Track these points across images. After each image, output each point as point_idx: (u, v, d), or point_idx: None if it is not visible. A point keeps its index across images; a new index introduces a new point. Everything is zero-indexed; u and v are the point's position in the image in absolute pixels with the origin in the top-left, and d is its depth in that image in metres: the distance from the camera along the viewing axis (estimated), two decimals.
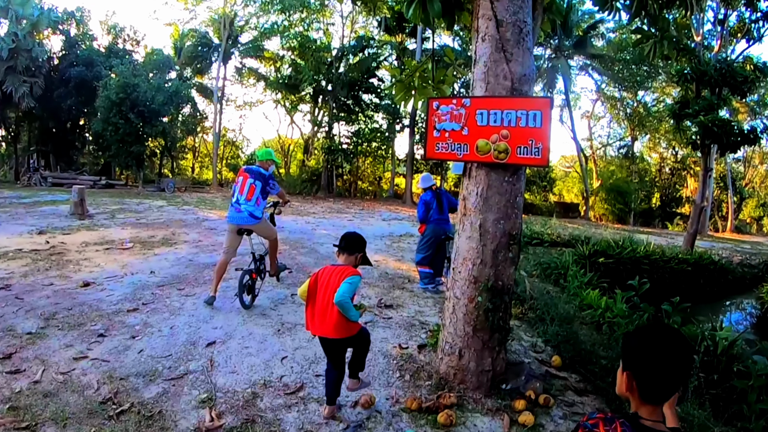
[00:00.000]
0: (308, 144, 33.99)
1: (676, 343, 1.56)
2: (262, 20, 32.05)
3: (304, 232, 13.31)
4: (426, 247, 8.02)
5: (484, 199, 4.35)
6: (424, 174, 8.72)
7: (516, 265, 4.63)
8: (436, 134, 4.51)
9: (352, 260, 3.67)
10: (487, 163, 4.29)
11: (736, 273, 16.32)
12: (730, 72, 15.65)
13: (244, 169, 6.54)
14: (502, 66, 4.26)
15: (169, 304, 6.21)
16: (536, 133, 4.08)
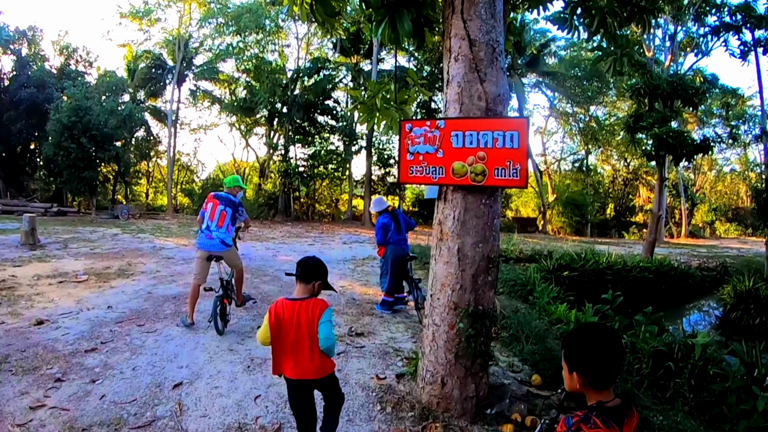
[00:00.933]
0: (264, 167, 33.50)
1: (609, 336, 1.88)
2: (216, 42, 31.71)
3: (264, 258, 12.99)
4: (388, 270, 7.94)
5: (461, 222, 4.24)
6: (376, 198, 8.70)
7: (495, 288, 4.52)
8: (409, 157, 4.38)
9: (309, 289, 3.25)
10: (464, 186, 4.18)
11: (696, 277, 16.80)
12: (682, 85, 16.20)
13: (213, 195, 6.58)
14: (476, 86, 4.18)
15: (129, 343, 5.86)
16: (514, 154, 4.00)
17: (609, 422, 1.72)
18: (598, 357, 1.83)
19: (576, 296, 10.59)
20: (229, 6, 29.49)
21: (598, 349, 1.85)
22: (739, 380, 5.29)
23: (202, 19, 30.22)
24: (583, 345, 1.88)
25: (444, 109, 4.44)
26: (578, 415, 1.75)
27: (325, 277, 3.35)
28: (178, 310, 7.38)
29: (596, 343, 1.86)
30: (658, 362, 6.07)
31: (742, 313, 12.76)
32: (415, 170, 4.35)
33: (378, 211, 8.24)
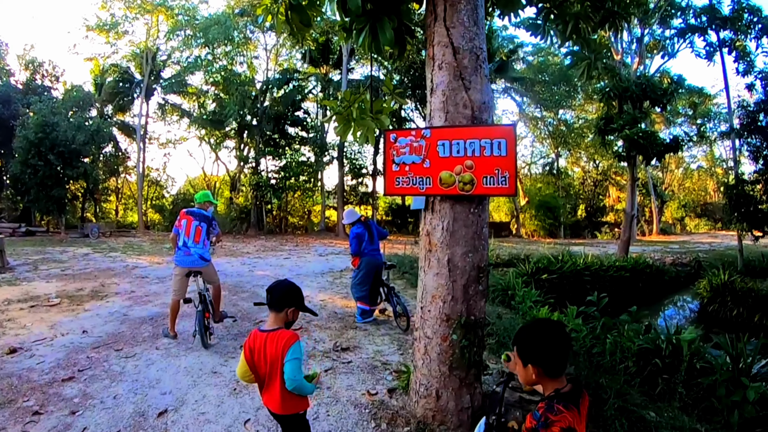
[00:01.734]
0: (235, 181, 33.06)
1: (556, 329, 2.09)
2: (185, 54, 31.26)
3: (241, 274, 12.73)
4: (363, 281, 7.92)
5: (450, 233, 4.16)
6: (348, 209, 8.68)
7: (486, 297, 4.46)
8: (395, 168, 4.30)
9: (282, 317, 2.95)
10: (452, 196, 4.11)
11: (671, 273, 17.13)
12: (650, 86, 16.48)
13: (185, 211, 6.64)
14: (461, 94, 4.12)
15: (108, 369, 5.63)
16: (502, 161, 3.95)
17: (569, 405, 1.91)
18: (549, 347, 2.02)
19: (556, 298, 10.64)
20: (197, 18, 29.10)
21: (548, 340, 2.03)
22: (726, 372, 5.36)
23: (169, 31, 29.76)
24: (535, 339, 2.06)
25: (428, 118, 4.37)
26: (542, 407, 1.93)
27: (299, 301, 3.04)
28: (156, 332, 7.15)
29: (546, 335, 2.06)
30: (645, 360, 6.11)
31: (720, 306, 13.00)
32: (401, 181, 4.26)
33: (351, 222, 8.22)
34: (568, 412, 1.88)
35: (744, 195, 13.12)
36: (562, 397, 1.93)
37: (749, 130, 12.74)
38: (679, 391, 5.49)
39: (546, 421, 1.87)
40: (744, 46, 16.80)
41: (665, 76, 18.27)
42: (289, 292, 3.00)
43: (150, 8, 28.66)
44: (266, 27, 28.54)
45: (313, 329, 7.44)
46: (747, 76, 15.86)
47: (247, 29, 29.57)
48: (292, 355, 2.79)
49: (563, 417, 1.87)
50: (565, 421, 1.86)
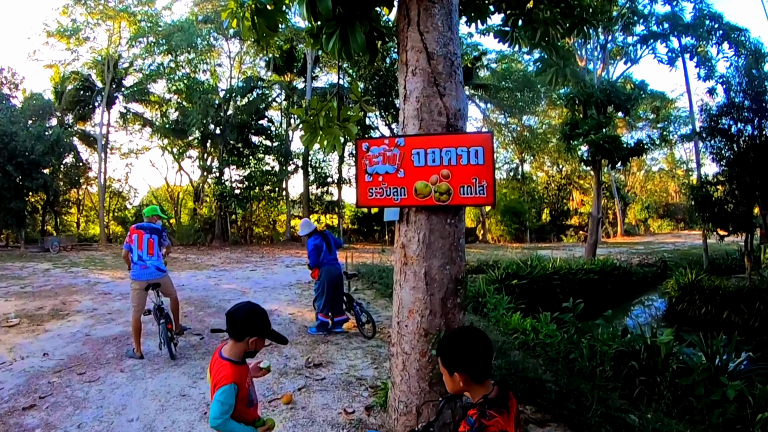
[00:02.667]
0: (198, 191, 32.28)
1: (477, 335, 2.15)
2: (147, 62, 30.45)
3: (207, 288, 12.31)
4: (325, 291, 7.77)
5: (426, 245, 3.99)
6: (303, 220, 8.53)
7: (465, 310, 4.31)
8: (367, 179, 4.10)
9: (242, 347, 2.62)
10: (428, 207, 3.94)
11: (638, 274, 17.40)
12: (614, 92, 16.71)
13: (135, 227, 6.77)
14: (436, 101, 3.97)
15: (71, 395, 5.28)
16: (479, 170, 3.81)
17: (501, 409, 1.96)
18: (473, 354, 2.06)
19: (527, 304, 10.65)
20: (160, 24, 28.42)
21: (470, 347, 2.08)
22: (704, 372, 5.39)
23: (131, 38, 28.98)
24: (458, 347, 2.10)
25: (402, 125, 4.20)
26: (474, 413, 1.96)
27: (264, 328, 2.66)
28: (120, 352, 6.81)
29: (468, 342, 2.10)
30: (622, 363, 6.10)
31: (688, 304, 13.22)
32: (374, 192, 4.07)
33: (307, 233, 8.06)
34: (499, 416, 1.93)
35: (709, 196, 13.34)
36: (491, 402, 1.98)
37: (712, 133, 12.95)
38: (660, 393, 5.46)
39: (480, 426, 1.90)
40: (705, 52, 17.19)
41: (628, 82, 18.61)
42: (252, 318, 2.63)
43: (112, 14, 27.88)
44: (230, 34, 28.11)
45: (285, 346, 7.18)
46: (708, 81, 16.23)
47: (210, 36, 29.03)
48: (219, 396, 2.47)
49: (496, 422, 1.91)
50: (497, 426, 1.91)
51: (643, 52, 18.62)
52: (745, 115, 12.36)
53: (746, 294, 12.26)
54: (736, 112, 12.49)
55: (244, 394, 2.59)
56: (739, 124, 12.57)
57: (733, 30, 16.69)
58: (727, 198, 12.99)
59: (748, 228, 12.94)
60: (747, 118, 12.39)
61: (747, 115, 12.33)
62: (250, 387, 2.70)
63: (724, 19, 16.85)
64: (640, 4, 17.69)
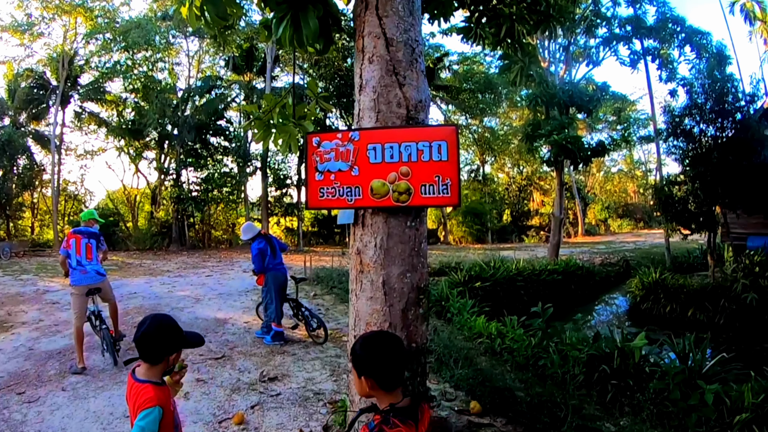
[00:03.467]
0: (156, 194, 31.08)
1: (390, 341, 2.06)
2: (104, 59, 29.12)
3: (160, 296, 11.56)
4: (272, 298, 7.36)
5: (384, 250, 3.56)
6: (245, 224, 8.04)
7: (428, 321, 3.89)
8: (318, 177, 3.64)
9: (160, 368, 2.30)
10: (386, 208, 3.51)
11: (601, 273, 17.42)
12: (577, 93, 16.64)
13: (72, 231, 6.63)
14: (394, 91, 3.54)
15: (8, 418, 4.70)
16: (443, 167, 3.39)
17: (407, 421, 1.85)
18: (382, 360, 1.95)
19: (491, 306, 10.42)
20: (118, 21, 27.23)
21: (381, 353, 1.97)
22: (679, 375, 5.26)
23: (87, 34, 27.66)
24: (368, 351, 1.99)
25: (357, 118, 3.76)
26: (377, 419, 1.87)
27: (179, 341, 2.32)
28: (63, 368, 6.22)
29: (379, 348, 2.00)
30: (593, 367, 5.91)
31: (653, 303, 13.19)
32: (326, 192, 3.61)
33: (250, 237, 7.62)
34: (404, 426, 1.82)
35: (672, 196, 13.35)
36: (398, 412, 1.88)
37: (675, 134, 12.95)
38: (634, 398, 5.33)
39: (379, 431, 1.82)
40: (668, 55, 17.29)
41: (590, 84, 18.63)
42: (164, 336, 2.27)
43: (68, 9, 26.46)
44: (189, 32, 27.15)
45: (237, 357, 6.67)
46: (669, 83, 16.32)
47: (169, 34, 27.96)
48: (140, 422, 2.11)
49: (398, 431, 1.81)
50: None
51: (605, 54, 18.66)
52: (707, 116, 12.36)
53: (710, 292, 12.28)
54: (698, 113, 12.50)
55: (169, 419, 2.24)
56: (701, 124, 12.58)
57: (695, 33, 16.83)
58: (689, 197, 13.00)
59: (711, 227, 12.97)
60: (709, 119, 12.39)
61: (710, 115, 12.33)
62: (174, 410, 2.35)
63: (687, 23, 17.02)
64: (603, 6, 17.70)
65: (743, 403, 4.79)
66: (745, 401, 4.80)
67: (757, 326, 11.30)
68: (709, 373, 5.67)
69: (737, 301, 11.69)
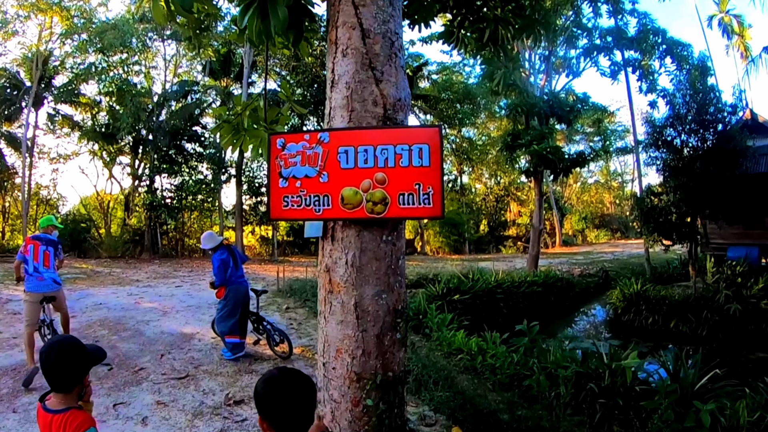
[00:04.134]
0: (129, 200, 29.96)
1: (298, 384, 1.79)
2: (78, 60, 28.11)
3: (125, 308, 10.79)
4: (232, 312, 6.84)
5: (357, 268, 3.11)
6: (206, 233, 7.42)
7: (405, 346, 3.45)
8: (282, 184, 3.18)
9: (74, 395, 2.06)
10: (359, 220, 3.06)
11: (581, 285, 17.12)
12: (558, 103, 16.41)
13: (31, 237, 6.50)
14: (370, 88, 3.11)
15: None
16: (424, 174, 2.97)
17: None
18: (282, 403, 1.75)
19: (471, 320, 10.07)
20: (95, 21, 26.36)
21: (283, 395, 1.75)
22: (672, 394, 4.95)
23: (63, 34, 26.73)
24: (269, 391, 1.77)
25: (327, 118, 3.33)
26: None
27: (87, 363, 2.09)
28: (17, 386, 5.61)
29: (282, 389, 1.77)
30: (579, 386, 5.58)
31: (634, 314, 12.86)
32: (290, 201, 3.15)
33: (212, 247, 7.05)
34: None
35: (653, 207, 13.12)
36: None
37: (656, 144, 12.75)
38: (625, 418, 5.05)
39: None
40: (649, 66, 17.20)
41: (571, 94, 18.48)
42: (73, 362, 2.03)
43: (44, 7, 25.47)
44: (166, 35, 26.46)
45: (202, 376, 6.12)
46: (650, 94, 16.23)
47: (146, 37, 27.20)
48: None
49: None
50: None
51: (586, 65, 18.51)
52: (689, 127, 12.18)
53: (693, 303, 12.01)
54: (680, 124, 12.31)
55: None
56: (683, 135, 12.40)
57: (676, 45, 16.75)
58: (671, 208, 12.80)
59: (692, 237, 12.76)
60: (691, 129, 12.20)
61: (691, 126, 12.15)
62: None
63: (668, 34, 16.95)
64: (584, 17, 17.56)
65: (738, 422, 4.54)
66: (741, 419, 4.55)
67: (740, 337, 11.12)
68: (702, 390, 5.35)
69: (720, 312, 11.44)
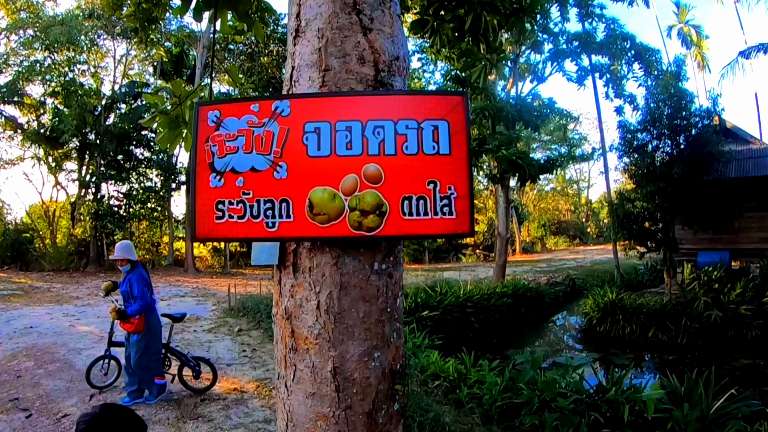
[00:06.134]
0: (74, 209, 27.43)
1: (119, 424, 1.57)
2: (21, 58, 25.67)
3: (59, 331, 9.11)
4: (157, 346, 5.41)
5: (335, 316, 1.93)
6: (122, 243, 5.65)
7: (403, 416, 2.27)
8: (215, 182, 1.95)
9: None
10: (338, 240, 1.87)
11: (550, 294, 16.66)
12: (526, 108, 15.71)
13: None
14: (355, 38, 1.97)
15: None
16: (441, 166, 1.83)
17: None
18: None
19: (443, 338, 9.23)
20: (42, 17, 24.18)
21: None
22: (693, 424, 4.48)
23: (8, 28, 24.42)
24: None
25: (288, 84, 2.14)
26: None
27: None
28: None
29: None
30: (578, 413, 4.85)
31: (611, 324, 12.15)
32: (226, 210, 1.92)
33: (132, 259, 5.45)
34: None
35: (630, 213, 12.46)
36: None
37: (630, 150, 12.08)
38: None
39: None
40: (618, 71, 16.68)
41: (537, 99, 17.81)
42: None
43: None
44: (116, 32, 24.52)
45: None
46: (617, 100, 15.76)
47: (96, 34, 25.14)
48: None
49: None
50: None
51: (553, 70, 17.80)
52: (663, 131, 11.58)
53: (671, 311, 11.44)
54: (654, 128, 11.69)
55: None
56: (657, 140, 11.83)
57: (645, 51, 16.26)
58: (645, 214, 12.18)
59: (668, 244, 12.19)
60: (665, 134, 11.63)
61: (665, 130, 11.53)
62: None
63: (636, 39, 16.43)
64: (552, 22, 16.84)
65: None
66: None
67: (721, 344, 10.66)
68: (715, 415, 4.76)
69: (699, 319, 10.91)
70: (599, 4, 16.94)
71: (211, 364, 5.64)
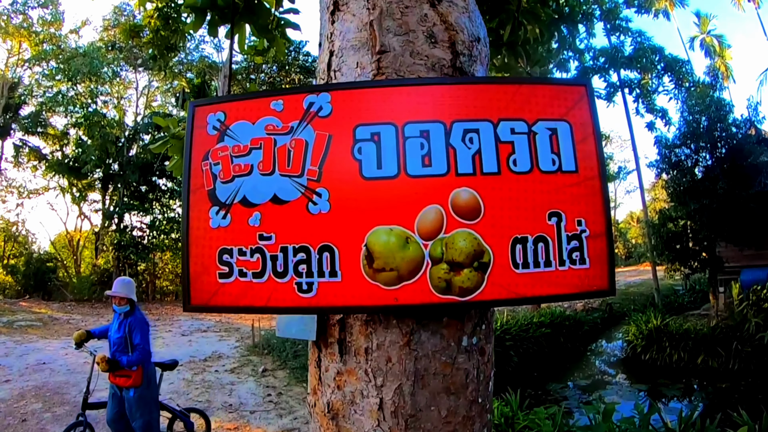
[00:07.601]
0: (98, 239, 27.19)
1: None
2: (44, 89, 25.91)
3: (72, 369, 8.38)
4: (156, 400, 4.52)
5: (408, 419, 1.25)
6: (125, 278, 4.67)
7: None
8: (216, 221, 1.28)
9: None
10: (412, 309, 1.19)
11: (589, 321, 15.82)
12: None
13: None
14: (419, 8, 1.34)
15: None
16: (566, 189, 1.17)
17: None
18: None
19: None
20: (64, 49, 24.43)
21: None
22: None
23: (31, 59, 24.76)
24: None
25: (325, 74, 1.49)
26: None
27: None
28: None
29: None
30: None
31: (657, 352, 11.33)
32: (234, 263, 1.25)
33: (134, 300, 4.40)
34: None
35: (675, 233, 11.63)
36: None
37: (669, 166, 11.32)
38: None
39: None
40: (649, 85, 15.99)
41: None
42: None
43: (12, 31, 23.73)
44: (138, 63, 24.67)
45: None
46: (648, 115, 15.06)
47: (119, 66, 25.34)
48: None
49: None
50: None
51: None
52: (703, 144, 10.85)
53: (720, 335, 10.67)
54: (693, 141, 10.97)
55: None
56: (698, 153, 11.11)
57: (675, 62, 15.52)
58: (688, 233, 11.39)
59: (713, 264, 11.41)
60: (704, 147, 10.95)
61: (705, 144, 10.81)
62: None
63: (665, 51, 15.73)
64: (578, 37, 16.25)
65: None
66: None
67: None
68: None
69: (751, 342, 10.11)
70: (625, 17, 16.34)
71: (201, 411, 5.06)
